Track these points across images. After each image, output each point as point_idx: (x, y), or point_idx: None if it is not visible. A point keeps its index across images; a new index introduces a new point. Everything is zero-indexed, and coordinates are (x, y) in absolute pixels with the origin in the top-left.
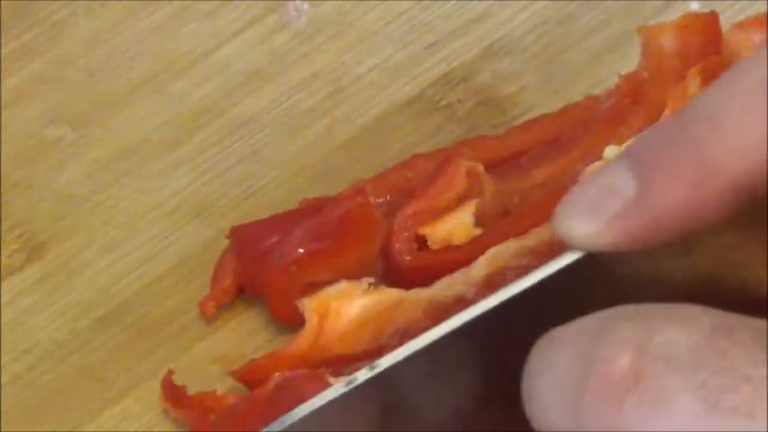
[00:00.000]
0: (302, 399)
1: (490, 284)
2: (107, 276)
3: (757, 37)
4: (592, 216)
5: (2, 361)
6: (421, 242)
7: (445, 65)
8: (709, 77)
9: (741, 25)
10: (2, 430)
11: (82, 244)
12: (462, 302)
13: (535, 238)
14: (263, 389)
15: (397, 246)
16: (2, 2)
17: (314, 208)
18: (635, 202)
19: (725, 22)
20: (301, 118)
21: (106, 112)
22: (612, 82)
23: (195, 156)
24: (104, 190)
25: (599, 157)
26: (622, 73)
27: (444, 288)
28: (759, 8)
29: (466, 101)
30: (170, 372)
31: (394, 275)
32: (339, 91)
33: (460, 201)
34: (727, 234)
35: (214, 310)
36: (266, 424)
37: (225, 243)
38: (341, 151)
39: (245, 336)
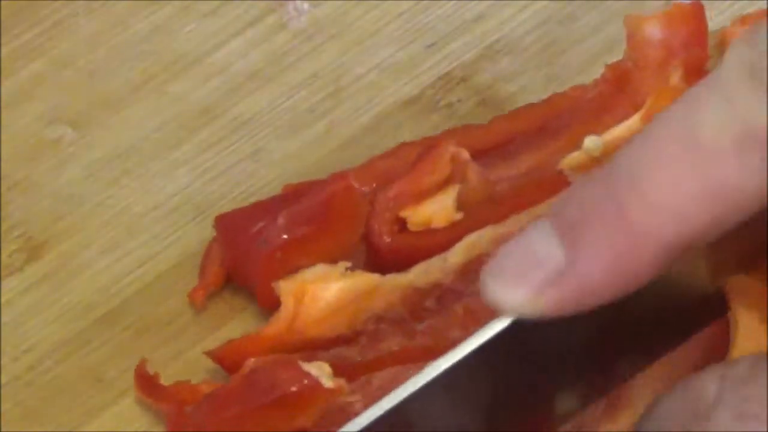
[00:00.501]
0: (275, 385)
1: (468, 271)
2: (107, 276)
3: None
4: (521, 283)
5: (2, 361)
6: (402, 226)
7: (445, 65)
8: (691, 70)
9: (741, 21)
10: (2, 430)
11: (82, 244)
12: (439, 288)
13: (513, 224)
14: (237, 377)
15: (376, 227)
16: (2, 2)
17: (297, 193)
18: (563, 270)
19: (725, 22)
20: (301, 118)
21: (106, 112)
22: None
23: (195, 156)
24: (104, 190)
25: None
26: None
27: (421, 274)
28: (760, 7)
29: (466, 101)
30: (144, 361)
31: (374, 258)
32: (339, 91)
33: (443, 186)
34: None
35: (204, 299)
36: (241, 410)
37: None
38: (341, 151)
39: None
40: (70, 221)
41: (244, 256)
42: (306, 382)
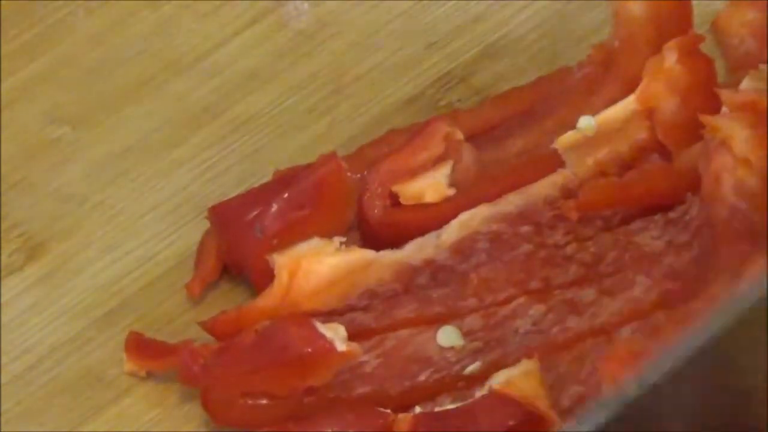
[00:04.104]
0: (288, 345)
1: (461, 249)
2: (107, 276)
3: (751, 14)
4: None
5: (2, 361)
6: (395, 200)
7: (445, 65)
8: (686, 51)
9: (735, 4)
10: (2, 430)
11: (81, 244)
12: (432, 265)
13: (507, 204)
14: (250, 333)
15: (368, 201)
16: (2, 2)
17: (288, 179)
18: None
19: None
20: (301, 118)
21: (106, 112)
22: None
23: (195, 156)
24: (104, 190)
25: (573, 127)
26: None
27: (414, 251)
28: None
29: (466, 101)
30: (133, 332)
31: (367, 234)
32: (339, 91)
33: (436, 163)
34: None
35: (201, 291)
36: (253, 367)
37: None
38: (341, 150)
39: None
40: (70, 221)
41: (240, 245)
42: (319, 343)
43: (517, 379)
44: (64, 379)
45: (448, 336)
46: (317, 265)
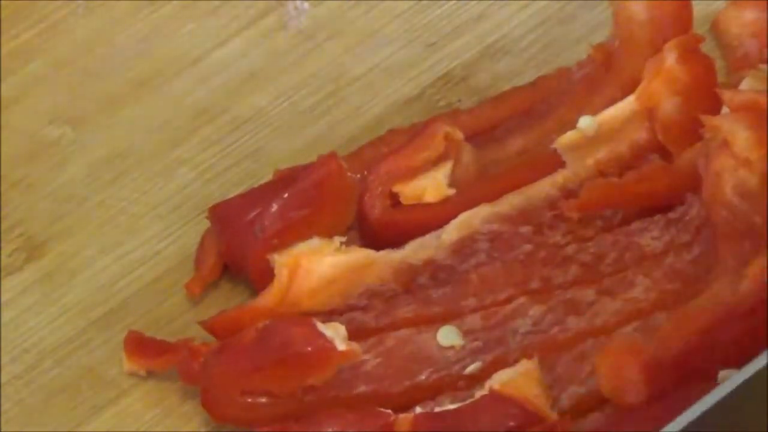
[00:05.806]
0: (288, 343)
1: (461, 249)
2: (107, 276)
3: (751, 14)
4: None
5: (2, 361)
6: (395, 200)
7: (445, 65)
8: (686, 52)
9: (736, 4)
10: (2, 429)
11: (81, 244)
12: (432, 265)
13: (507, 204)
14: (250, 332)
15: (368, 201)
16: (2, 2)
17: (288, 178)
18: None
19: (719, 5)
20: (301, 118)
21: (106, 112)
22: None
23: (195, 155)
24: (104, 190)
25: (573, 127)
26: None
27: (415, 250)
28: None
29: (466, 101)
30: (132, 331)
31: (368, 234)
32: (339, 91)
33: (435, 162)
34: None
35: (201, 291)
36: (252, 365)
37: None
38: (341, 151)
39: None
40: (70, 221)
41: (240, 245)
42: (319, 342)
43: (517, 379)
44: (64, 379)
45: (448, 336)
46: (317, 264)
